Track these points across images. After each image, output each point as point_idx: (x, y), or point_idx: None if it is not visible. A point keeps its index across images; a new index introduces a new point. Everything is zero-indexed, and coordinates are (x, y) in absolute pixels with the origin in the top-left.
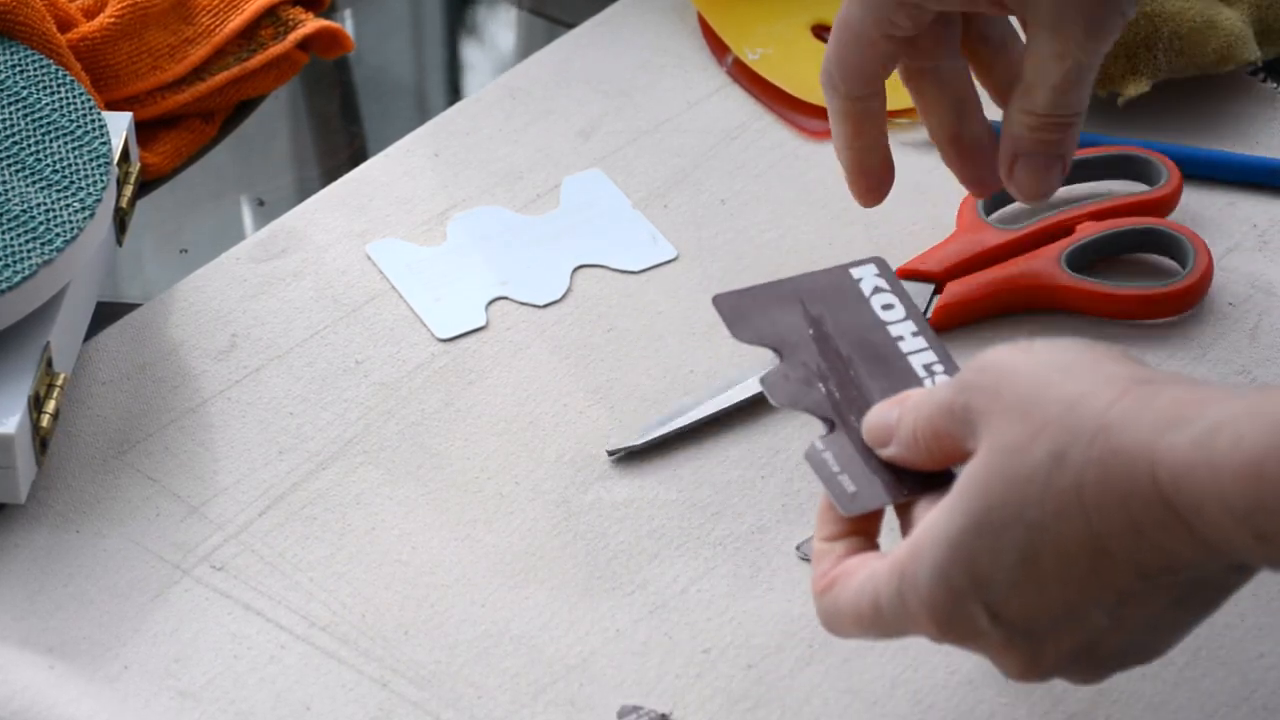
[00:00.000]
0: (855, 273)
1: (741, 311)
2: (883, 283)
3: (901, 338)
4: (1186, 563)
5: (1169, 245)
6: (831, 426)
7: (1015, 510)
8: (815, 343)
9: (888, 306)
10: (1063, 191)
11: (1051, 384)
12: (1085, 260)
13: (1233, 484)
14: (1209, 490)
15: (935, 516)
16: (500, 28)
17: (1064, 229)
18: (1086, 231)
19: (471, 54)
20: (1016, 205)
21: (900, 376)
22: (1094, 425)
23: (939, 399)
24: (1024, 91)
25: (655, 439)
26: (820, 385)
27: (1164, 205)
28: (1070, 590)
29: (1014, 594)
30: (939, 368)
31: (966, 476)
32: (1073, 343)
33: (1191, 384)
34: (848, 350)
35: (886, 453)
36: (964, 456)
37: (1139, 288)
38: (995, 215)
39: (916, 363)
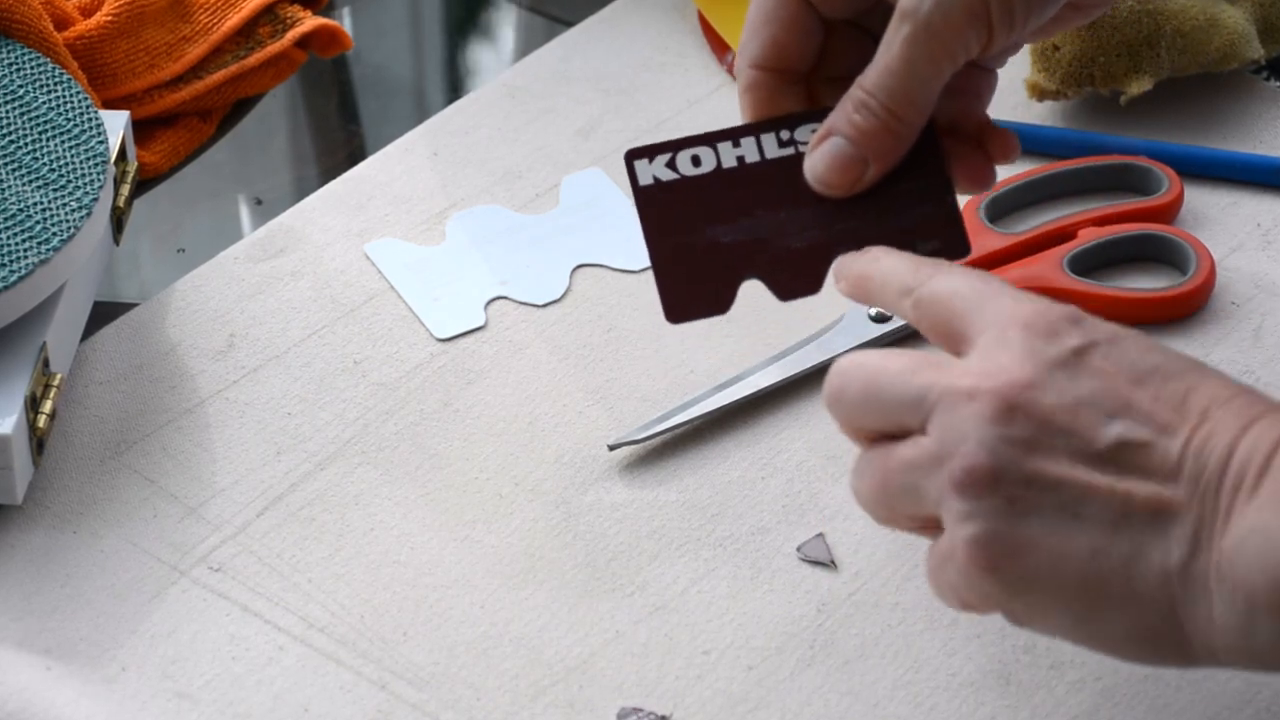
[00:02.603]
0: None
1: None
2: None
3: None
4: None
5: (1170, 250)
6: None
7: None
8: None
9: None
10: (1064, 199)
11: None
12: (1087, 265)
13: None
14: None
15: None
16: (499, 26)
17: (1066, 234)
18: (1088, 237)
19: (470, 52)
20: (1017, 210)
21: None
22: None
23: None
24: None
25: (655, 433)
26: None
27: (1166, 212)
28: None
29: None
30: None
31: None
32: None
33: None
34: None
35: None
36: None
37: (1141, 291)
38: (997, 220)
39: None
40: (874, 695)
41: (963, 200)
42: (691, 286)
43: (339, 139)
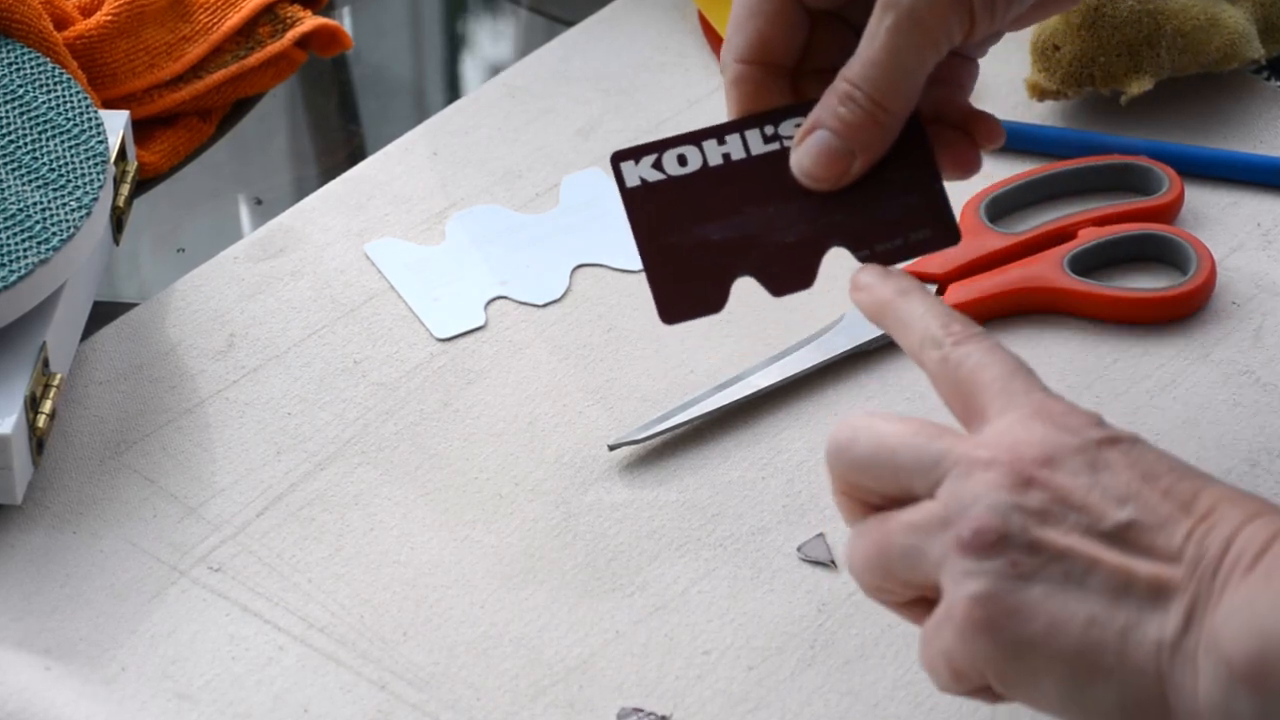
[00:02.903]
0: None
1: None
2: None
3: None
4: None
5: (1171, 250)
6: None
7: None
8: None
9: None
10: (1064, 199)
11: None
12: (1088, 265)
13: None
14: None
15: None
16: (499, 25)
17: (1066, 234)
18: (1089, 236)
19: (470, 52)
20: (1018, 210)
21: None
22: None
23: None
24: (850, 60)
25: (655, 433)
26: None
27: (1166, 212)
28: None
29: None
30: None
31: None
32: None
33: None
34: None
35: (934, 355)
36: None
37: (1141, 291)
38: (998, 220)
39: None
40: (874, 695)
41: (953, 190)
42: (684, 286)
43: (339, 139)
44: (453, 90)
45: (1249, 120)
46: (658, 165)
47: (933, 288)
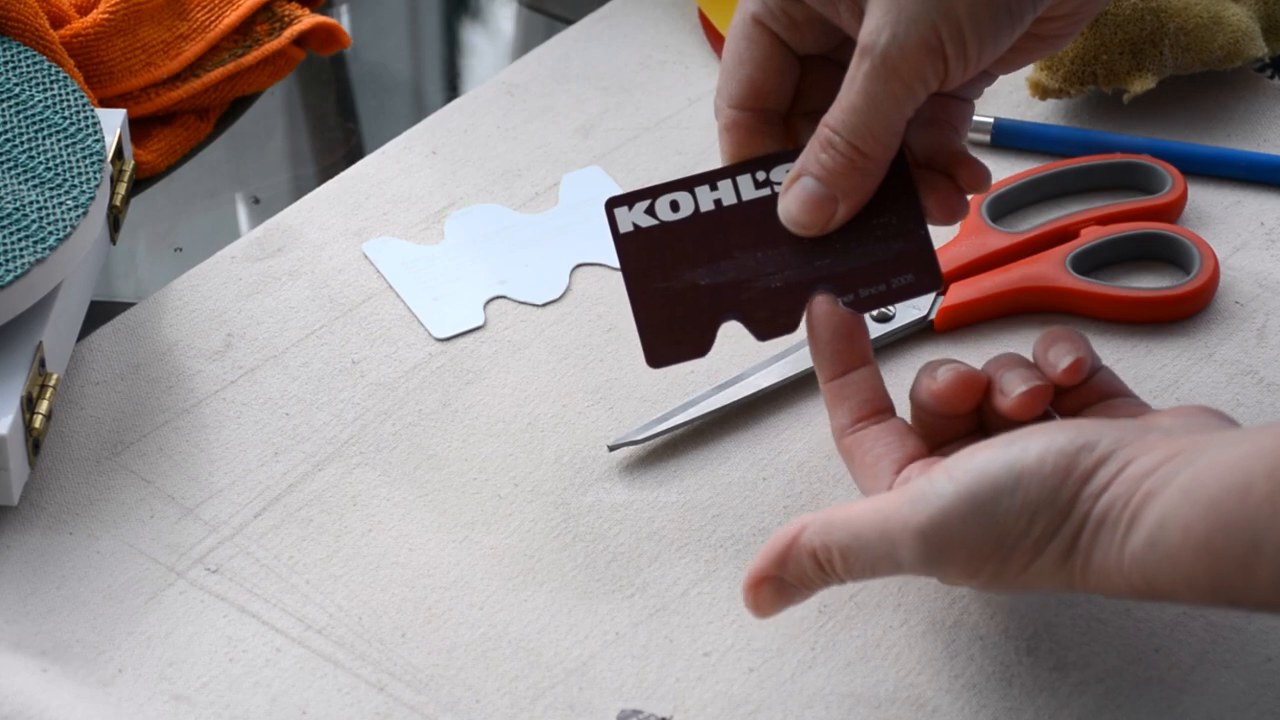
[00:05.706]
0: None
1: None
2: None
3: None
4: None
5: (1174, 250)
6: None
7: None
8: None
9: None
10: (1067, 198)
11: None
12: (1090, 264)
13: (1194, 568)
14: (1177, 581)
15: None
16: (498, 23)
17: (1069, 233)
18: (1091, 236)
19: (469, 50)
20: (1020, 209)
21: None
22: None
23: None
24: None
25: (655, 433)
26: None
27: (1169, 211)
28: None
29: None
30: None
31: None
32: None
33: (1127, 464)
34: None
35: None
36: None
37: (1144, 291)
38: (1000, 219)
39: None
40: (875, 697)
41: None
42: (672, 331)
43: (337, 137)
44: (451, 89)
45: (1252, 119)
46: (650, 211)
47: None
